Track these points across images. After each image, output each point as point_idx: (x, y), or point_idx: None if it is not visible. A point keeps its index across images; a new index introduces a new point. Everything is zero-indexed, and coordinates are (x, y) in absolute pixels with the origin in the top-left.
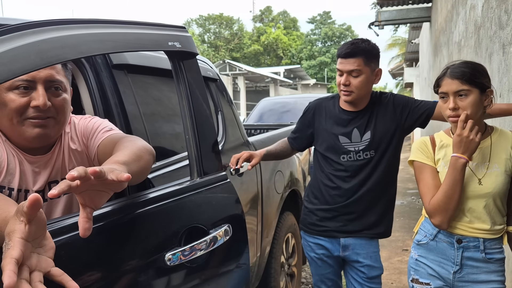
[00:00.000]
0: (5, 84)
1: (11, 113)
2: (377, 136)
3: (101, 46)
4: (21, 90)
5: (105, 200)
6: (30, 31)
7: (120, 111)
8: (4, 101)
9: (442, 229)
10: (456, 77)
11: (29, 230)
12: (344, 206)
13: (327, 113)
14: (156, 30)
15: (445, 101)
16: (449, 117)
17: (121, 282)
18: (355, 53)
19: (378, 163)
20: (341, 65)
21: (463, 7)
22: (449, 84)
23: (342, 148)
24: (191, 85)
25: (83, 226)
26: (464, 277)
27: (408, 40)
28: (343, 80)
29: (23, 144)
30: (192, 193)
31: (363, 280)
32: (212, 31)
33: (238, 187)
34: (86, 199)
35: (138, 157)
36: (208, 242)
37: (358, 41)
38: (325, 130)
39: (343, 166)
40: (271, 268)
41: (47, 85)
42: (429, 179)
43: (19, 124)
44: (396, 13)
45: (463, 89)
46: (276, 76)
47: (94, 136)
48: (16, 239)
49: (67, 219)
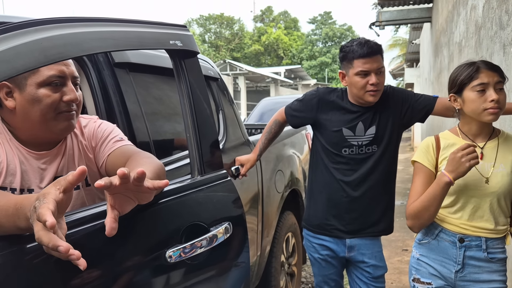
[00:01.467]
0: (37, 80)
1: (46, 108)
2: (381, 131)
3: (103, 44)
4: (53, 86)
5: (130, 208)
6: (33, 29)
7: (121, 110)
8: (38, 97)
9: (413, 232)
10: (495, 70)
11: (61, 197)
12: (347, 202)
13: (335, 105)
14: (158, 28)
15: (482, 94)
16: (488, 108)
17: (123, 278)
18: (377, 51)
19: (380, 158)
20: (367, 65)
21: (464, 8)
22: (491, 76)
23: (344, 141)
24: (192, 84)
25: (111, 226)
26: (466, 277)
27: (409, 40)
28: (374, 80)
29: (43, 138)
30: (193, 191)
31: (368, 280)
32: (212, 31)
33: (239, 187)
34: (116, 202)
35: (158, 176)
36: (209, 239)
37: (366, 40)
38: (329, 121)
39: (345, 159)
40: (272, 267)
41: (72, 80)
42: (420, 183)
43: (52, 118)
44: (397, 13)
45: (501, 81)
46: (277, 76)
47: (104, 143)
48: (50, 199)
49: (71, 214)
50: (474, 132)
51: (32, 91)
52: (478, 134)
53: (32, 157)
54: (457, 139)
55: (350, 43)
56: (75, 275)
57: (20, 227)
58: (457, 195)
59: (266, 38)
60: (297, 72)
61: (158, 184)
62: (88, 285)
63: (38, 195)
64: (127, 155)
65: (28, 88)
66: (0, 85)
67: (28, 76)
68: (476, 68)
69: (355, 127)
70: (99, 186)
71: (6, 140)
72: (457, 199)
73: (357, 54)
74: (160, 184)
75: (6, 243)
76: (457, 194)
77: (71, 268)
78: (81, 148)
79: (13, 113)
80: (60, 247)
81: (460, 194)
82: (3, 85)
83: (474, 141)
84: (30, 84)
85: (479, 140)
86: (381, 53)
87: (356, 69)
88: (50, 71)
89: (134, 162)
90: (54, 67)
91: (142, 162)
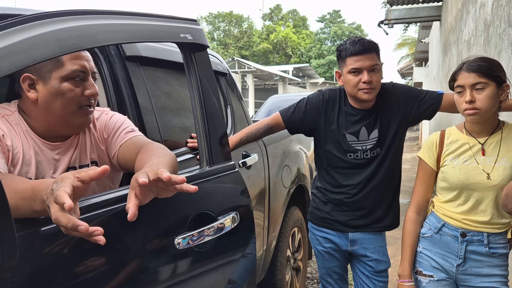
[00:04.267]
0: (61, 74)
1: (68, 102)
2: (384, 133)
3: (116, 36)
4: (77, 81)
5: (149, 199)
6: (49, 21)
7: (132, 102)
8: (62, 90)
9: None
10: (473, 70)
11: (78, 185)
12: (351, 202)
13: (340, 108)
14: (169, 22)
15: (461, 95)
16: (465, 110)
17: (133, 264)
18: (370, 48)
19: (384, 159)
20: (358, 62)
21: (473, 5)
22: (466, 78)
23: (349, 147)
24: (201, 77)
25: (134, 211)
26: (467, 270)
27: (418, 39)
28: (366, 77)
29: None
30: (201, 181)
31: (371, 274)
32: (221, 29)
33: (246, 181)
34: (141, 193)
35: (173, 169)
36: (216, 228)
37: (360, 38)
38: (333, 125)
39: (349, 164)
40: (277, 261)
41: (92, 76)
42: (420, 180)
43: (72, 113)
44: (406, 11)
45: (480, 82)
46: (285, 74)
47: (116, 134)
48: (68, 183)
49: (83, 200)
50: (475, 129)
51: (56, 84)
52: (479, 132)
53: (46, 148)
54: (461, 135)
55: (345, 42)
56: (89, 259)
57: (35, 209)
58: (460, 190)
59: (274, 36)
60: (305, 71)
61: (186, 188)
62: (101, 268)
63: (56, 179)
64: (138, 146)
65: (52, 81)
66: (24, 77)
67: (52, 70)
68: (459, 69)
69: (358, 132)
70: (144, 184)
71: (22, 131)
72: (459, 194)
73: (349, 52)
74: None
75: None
76: (459, 189)
77: (86, 250)
78: (93, 140)
79: (34, 104)
80: (81, 227)
81: (463, 189)
82: (26, 77)
83: (477, 137)
84: (55, 78)
85: (482, 136)
86: (375, 51)
87: (349, 67)
88: (74, 66)
89: (148, 153)
90: (77, 62)
91: (157, 154)
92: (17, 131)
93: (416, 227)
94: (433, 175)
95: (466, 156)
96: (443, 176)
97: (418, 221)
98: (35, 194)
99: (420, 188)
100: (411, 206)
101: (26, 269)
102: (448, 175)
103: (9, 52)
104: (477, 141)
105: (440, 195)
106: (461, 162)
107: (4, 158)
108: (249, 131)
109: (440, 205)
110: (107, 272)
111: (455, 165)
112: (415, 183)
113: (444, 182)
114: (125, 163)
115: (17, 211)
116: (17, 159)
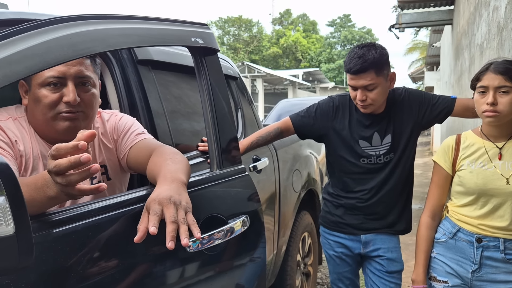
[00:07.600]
0: (38, 81)
1: (44, 108)
2: (397, 138)
3: (128, 40)
4: (52, 87)
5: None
6: (63, 25)
7: (144, 106)
8: (38, 96)
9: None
10: (500, 72)
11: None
12: (364, 207)
13: (351, 114)
14: (180, 26)
15: (483, 96)
16: (484, 111)
17: (144, 266)
18: (365, 68)
19: (397, 163)
20: (353, 81)
21: (486, 9)
22: (491, 79)
23: (362, 152)
24: (212, 80)
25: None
26: (482, 277)
27: (429, 43)
28: (359, 95)
29: (53, 137)
30: (211, 184)
31: (381, 274)
32: (231, 33)
33: (256, 185)
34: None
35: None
36: (226, 231)
37: (365, 52)
38: (345, 131)
39: (362, 169)
40: (287, 266)
41: (76, 81)
42: (435, 184)
43: (51, 119)
44: (417, 15)
45: (506, 85)
46: (295, 78)
47: (126, 136)
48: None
49: (94, 203)
50: (493, 133)
51: (35, 91)
52: (497, 136)
53: None
54: (478, 139)
55: (351, 50)
56: (99, 260)
57: (50, 195)
58: (477, 194)
59: (284, 40)
60: (315, 75)
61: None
62: (111, 270)
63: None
64: (150, 148)
65: (32, 88)
66: (20, 84)
67: (33, 77)
68: (485, 69)
69: (371, 138)
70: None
71: (32, 134)
72: (477, 198)
73: (346, 68)
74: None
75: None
76: (477, 193)
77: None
78: (101, 143)
79: (27, 110)
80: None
81: (480, 193)
82: (21, 83)
83: (495, 142)
84: (34, 84)
85: (500, 140)
86: (374, 67)
87: (348, 83)
88: (50, 72)
89: (162, 156)
90: (55, 67)
91: (173, 159)
92: (28, 134)
93: (430, 232)
94: (448, 179)
95: (483, 161)
96: (459, 181)
97: (433, 226)
98: (46, 181)
99: (434, 193)
100: (426, 211)
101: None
102: (465, 180)
103: (24, 56)
104: (495, 145)
105: (456, 199)
106: (479, 166)
107: (16, 165)
108: (260, 135)
109: (455, 209)
110: (117, 274)
111: (472, 170)
112: (429, 187)
113: (460, 187)
114: (136, 165)
115: (32, 203)
116: (28, 164)
